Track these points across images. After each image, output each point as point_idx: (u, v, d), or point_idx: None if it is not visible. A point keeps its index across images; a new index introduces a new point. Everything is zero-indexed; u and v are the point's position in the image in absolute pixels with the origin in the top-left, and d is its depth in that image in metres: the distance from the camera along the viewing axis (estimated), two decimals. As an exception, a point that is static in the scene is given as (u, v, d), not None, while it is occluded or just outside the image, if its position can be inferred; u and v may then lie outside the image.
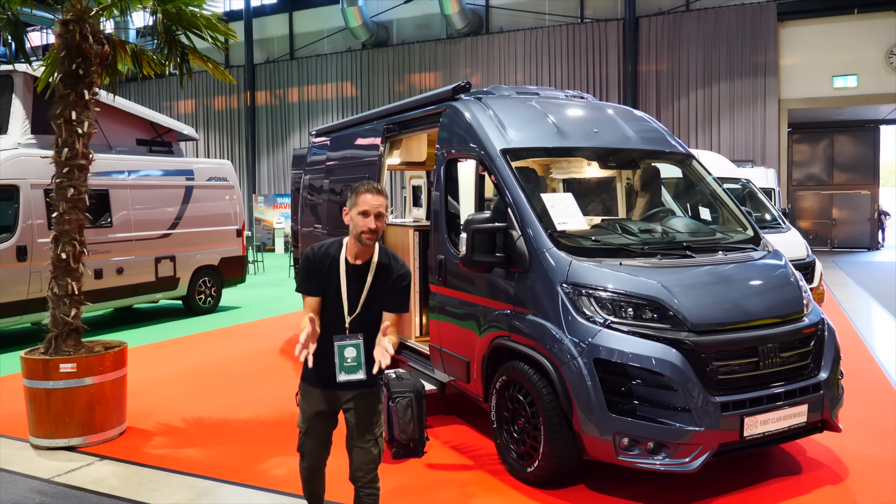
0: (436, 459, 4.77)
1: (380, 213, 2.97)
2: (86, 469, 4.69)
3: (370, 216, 2.95)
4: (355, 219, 2.98)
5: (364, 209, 2.95)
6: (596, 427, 3.81)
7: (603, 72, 20.50)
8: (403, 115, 6.26)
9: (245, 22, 25.33)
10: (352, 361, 2.92)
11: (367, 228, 2.94)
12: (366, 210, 2.95)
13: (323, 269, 3.03)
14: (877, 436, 5.12)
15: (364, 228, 2.95)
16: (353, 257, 3.04)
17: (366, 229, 2.95)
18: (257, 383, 6.92)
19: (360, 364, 2.92)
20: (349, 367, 2.92)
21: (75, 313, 5.21)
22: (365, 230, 2.95)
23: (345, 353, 2.92)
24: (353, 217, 2.98)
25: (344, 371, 2.92)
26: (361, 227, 2.96)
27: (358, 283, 3.02)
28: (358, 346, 2.93)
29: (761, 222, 8.76)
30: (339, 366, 2.92)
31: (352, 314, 3.00)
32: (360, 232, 2.96)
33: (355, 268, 3.03)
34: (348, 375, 2.92)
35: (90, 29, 5.17)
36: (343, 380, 2.92)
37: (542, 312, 4.18)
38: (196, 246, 10.97)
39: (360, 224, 2.96)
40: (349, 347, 2.92)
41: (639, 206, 5.99)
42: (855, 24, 18.20)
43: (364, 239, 2.97)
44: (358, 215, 2.97)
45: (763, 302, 4.26)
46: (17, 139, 8.75)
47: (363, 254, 3.04)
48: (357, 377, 2.92)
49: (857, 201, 24.19)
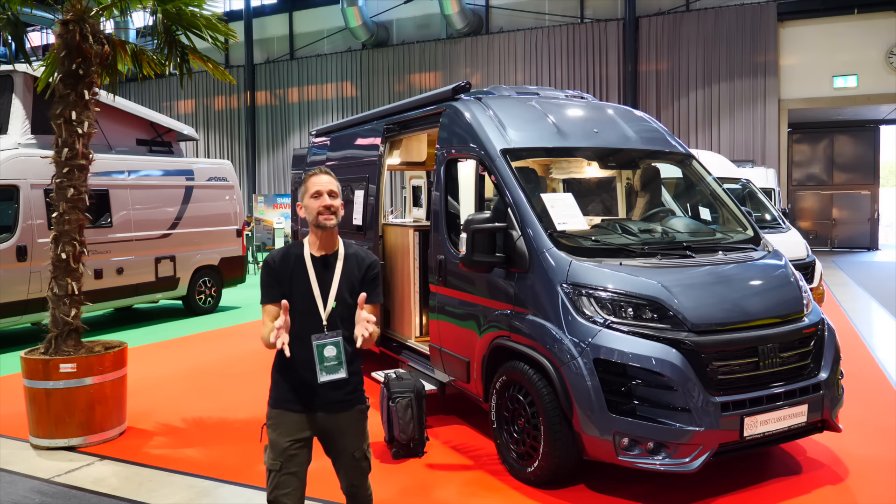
0: (436, 459, 4.77)
1: (332, 191, 2.80)
2: (86, 469, 4.69)
3: (323, 195, 2.78)
4: (309, 204, 2.80)
5: (316, 190, 2.79)
6: (596, 427, 3.81)
7: (603, 72, 20.50)
8: (403, 115, 6.26)
9: (245, 22, 25.33)
10: (332, 360, 2.72)
11: (323, 206, 2.77)
12: (317, 191, 2.79)
13: (287, 271, 2.82)
14: (877, 436, 5.12)
15: (319, 207, 2.77)
16: (318, 250, 2.85)
17: (321, 208, 2.77)
18: (257, 383, 6.90)
19: (342, 362, 2.73)
20: (329, 367, 2.72)
21: (75, 313, 5.21)
22: (321, 209, 2.77)
23: (324, 353, 2.72)
24: (307, 204, 2.80)
25: (325, 371, 2.71)
26: (317, 207, 2.77)
27: (327, 274, 2.83)
28: (338, 343, 2.74)
29: (761, 222, 8.76)
30: (318, 366, 2.71)
31: (327, 307, 2.78)
32: (317, 213, 2.77)
33: (322, 259, 2.84)
34: (330, 375, 2.72)
35: (90, 29, 5.17)
36: (325, 380, 2.71)
37: (542, 312, 4.18)
38: (196, 246, 10.97)
39: (314, 206, 2.78)
40: (329, 346, 2.72)
41: (639, 206, 5.99)
42: (855, 24, 18.20)
43: (322, 220, 2.77)
44: (310, 199, 2.79)
45: (763, 302, 4.26)
46: (17, 139, 8.75)
47: (328, 244, 2.85)
48: (339, 376, 2.73)
49: (857, 201, 24.18)
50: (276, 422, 2.82)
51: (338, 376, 2.73)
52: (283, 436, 2.79)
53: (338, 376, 2.73)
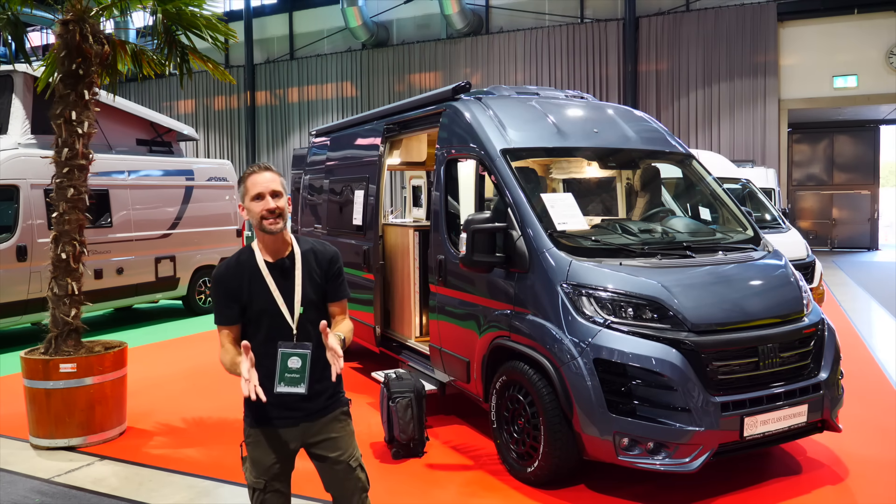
0: (436, 459, 4.77)
1: (274, 190, 2.51)
2: (86, 469, 4.69)
3: (265, 196, 2.49)
4: (251, 207, 2.51)
5: (257, 192, 2.50)
6: (596, 427, 3.81)
7: (603, 72, 20.49)
8: (403, 116, 6.26)
9: (245, 22, 25.32)
10: (294, 373, 2.46)
11: (266, 211, 2.48)
12: (258, 192, 2.50)
13: (242, 284, 2.55)
14: (877, 436, 5.12)
15: (262, 212, 2.49)
16: (271, 255, 2.58)
17: (264, 212, 2.48)
18: (257, 383, 6.91)
19: (303, 377, 2.45)
20: (290, 379, 2.46)
21: (75, 313, 5.21)
22: (264, 213, 2.49)
23: (288, 363, 2.46)
24: (249, 207, 2.52)
25: (283, 382, 2.45)
26: (259, 211, 2.49)
27: (287, 281, 2.57)
28: (304, 356, 2.46)
29: (761, 222, 8.76)
30: (278, 375, 2.45)
31: (293, 315, 2.54)
32: (261, 218, 2.49)
33: (278, 265, 2.58)
34: (288, 387, 2.45)
35: (90, 29, 5.17)
36: (281, 391, 2.45)
37: (542, 312, 4.18)
38: (196, 246, 10.97)
39: (257, 210, 2.49)
40: (294, 357, 2.46)
41: (639, 206, 5.99)
42: (855, 24, 18.20)
43: (267, 225, 2.49)
44: (251, 201, 2.51)
45: (763, 302, 4.26)
46: (17, 139, 8.75)
47: (280, 247, 2.59)
48: (297, 390, 2.45)
49: (857, 201, 24.17)
50: (256, 440, 2.62)
51: (296, 390, 2.45)
52: (265, 454, 2.61)
53: (296, 390, 2.45)
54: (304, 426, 2.62)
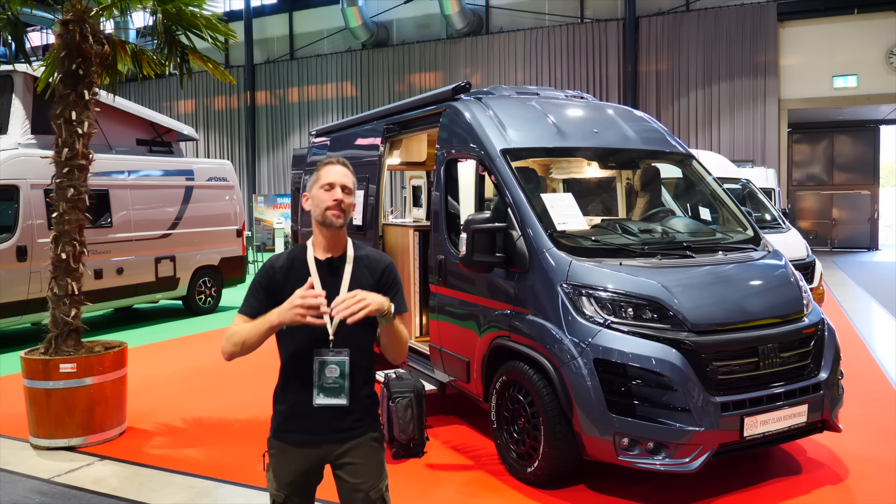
0: (436, 459, 4.77)
1: (345, 185, 2.38)
2: (86, 469, 4.69)
3: (335, 187, 2.36)
4: (317, 195, 2.37)
5: (328, 181, 2.37)
6: (596, 427, 3.81)
7: (603, 72, 20.50)
8: (403, 116, 6.26)
9: (245, 22, 25.33)
10: (333, 382, 2.32)
11: (333, 201, 2.35)
12: (330, 182, 2.36)
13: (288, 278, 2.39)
14: (877, 436, 5.12)
15: (329, 202, 2.35)
16: (323, 251, 2.42)
17: (331, 203, 2.35)
18: (257, 383, 6.90)
19: (344, 386, 2.32)
20: (330, 389, 2.32)
21: (75, 313, 5.21)
22: (331, 204, 2.34)
23: (326, 372, 2.32)
24: (315, 195, 2.38)
25: (322, 393, 2.32)
26: (326, 201, 2.35)
27: (334, 280, 2.38)
28: (343, 363, 2.33)
29: (761, 222, 8.76)
30: (316, 385, 2.32)
31: (334, 320, 2.28)
32: (325, 208, 2.35)
33: (328, 263, 2.41)
34: (328, 398, 2.33)
35: (90, 29, 5.17)
36: (321, 403, 2.32)
37: (542, 312, 4.18)
38: (196, 246, 10.97)
39: (324, 199, 2.35)
40: (332, 365, 2.32)
41: (639, 206, 5.99)
42: (855, 24, 18.20)
43: (330, 216, 2.35)
44: (320, 190, 2.37)
45: (763, 302, 4.26)
46: (17, 139, 8.75)
47: (335, 245, 2.42)
48: (338, 402, 2.33)
49: (857, 201, 24.18)
50: (278, 453, 2.45)
51: (337, 401, 2.33)
52: (287, 468, 2.43)
53: (337, 401, 2.33)
54: (327, 448, 2.41)
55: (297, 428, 2.40)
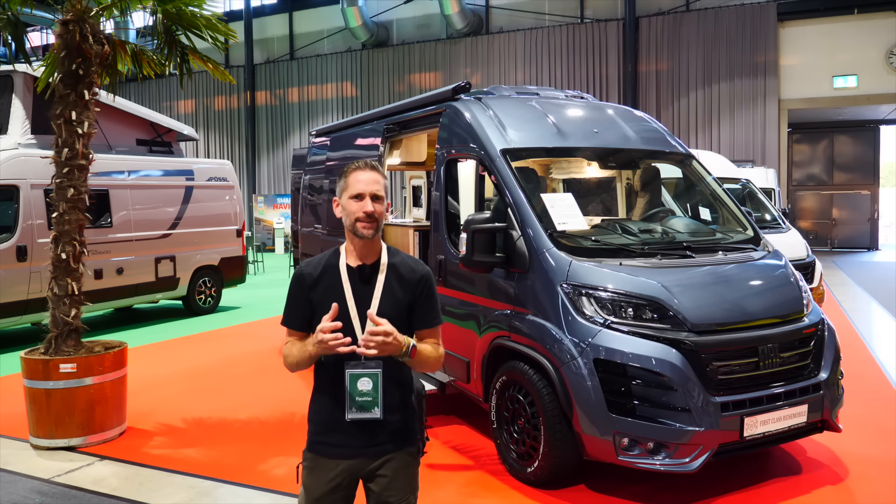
0: (436, 459, 4.77)
1: (376, 193, 2.30)
2: (86, 469, 4.69)
3: (365, 198, 2.29)
4: (347, 205, 2.31)
5: (357, 192, 2.30)
6: (596, 427, 3.81)
7: (603, 72, 20.50)
8: (403, 116, 6.26)
9: (245, 22, 25.33)
10: (366, 396, 2.26)
11: (363, 213, 2.28)
12: (359, 192, 2.29)
13: (318, 284, 2.34)
14: (877, 436, 5.12)
15: (359, 214, 2.28)
16: (356, 259, 2.36)
17: (361, 215, 2.28)
18: (257, 383, 6.92)
19: (377, 400, 2.26)
20: (362, 403, 2.26)
21: (75, 313, 5.20)
22: (360, 216, 2.28)
23: (358, 385, 2.26)
24: (345, 204, 2.32)
25: (355, 407, 2.27)
26: (356, 212, 2.28)
27: (366, 289, 2.33)
28: (375, 376, 2.25)
29: (761, 222, 8.76)
30: (348, 399, 2.27)
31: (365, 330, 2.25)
32: (355, 220, 2.29)
33: (360, 270, 2.35)
34: (361, 413, 2.27)
35: (90, 29, 5.17)
36: (354, 417, 2.27)
37: (542, 312, 4.18)
38: (196, 246, 10.97)
39: (353, 210, 2.29)
40: (364, 378, 2.25)
41: (639, 207, 5.98)
42: (855, 24, 18.20)
43: (360, 229, 2.28)
44: (350, 200, 2.31)
45: (763, 302, 4.26)
46: (17, 139, 8.75)
47: (368, 253, 2.36)
48: (371, 416, 2.26)
49: (857, 201, 24.19)
50: (311, 466, 2.38)
51: (370, 415, 2.27)
52: (318, 481, 2.35)
53: (370, 415, 2.27)
54: (361, 462, 2.34)
55: (332, 441, 2.35)
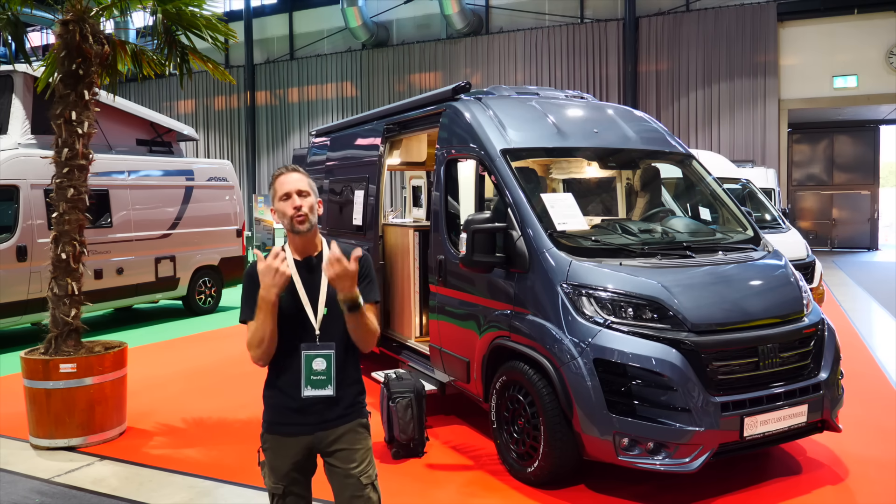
0: (436, 459, 4.77)
1: (300, 190, 2.52)
2: (86, 469, 4.69)
3: (292, 196, 2.51)
4: (280, 208, 2.53)
5: (284, 192, 2.52)
6: (596, 427, 3.81)
7: (603, 72, 20.49)
8: (403, 116, 6.26)
9: (245, 22, 25.31)
10: (320, 374, 2.49)
11: (293, 209, 2.50)
12: (286, 192, 2.52)
13: None
14: (877, 436, 5.12)
15: (290, 211, 2.50)
16: (301, 254, 2.60)
17: (292, 211, 2.50)
18: (257, 383, 6.86)
19: (330, 378, 2.50)
20: (316, 382, 2.49)
21: (75, 313, 5.21)
22: (291, 212, 2.50)
23: (312, 365, 2.49)
24: (278, 207, 2.54)
25: (310, 385, 2.50)
26: (288, 212, 2.51)
27: (313, 278, 2.57)
28: (329, 356, 2.50)
29: (761, 222, 8.76)
30: (304, 378, 2.49)
31: (318, 315, 2.54)
32: (290, 217, 2.51)
33: (306, 262, 2.59)
34: (315, 390, 2.50)
35: (90, 29, 5.17)
36: (308, 395, 2.49)
37: (542, 312, 4.18)
38: (196, 246, 10.97)
39: (285, 209, 2.51)
40: (318, 358, 2.50)
41: (639, 207, 5.99)
42: (855, 24, 18.19)
43: (296, 225, 2.51)
44: (280, 202, 2.53)
45: (763, 302, 4.26)
46: (17, 139, 8.75)
47: (309, 246, 2.60)
48: (325, 392, 2.50)
49: (857, 201, 24.18)
50: (272, 446, 2.61)
51: (324, 392, 2.51)
52: (282, 460, 2.59)
53: (324, 392, 2.51)
54: (319, 435, 2.56)
55: (288, 420, 2.57)
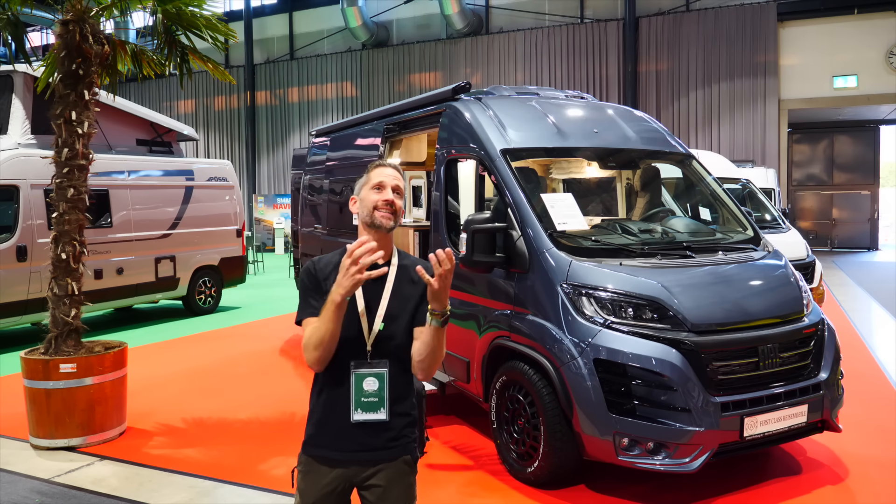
0: (436, 459, 4.77)
1: (397, 187, 2.29)
2: (86, 469, 4.69)
3: (386, 188, 2.27)
4: (367, 196, 2.27)
5: (378, 182, 2.28)
6: (596, 427, 3.81)
7: (603, 72, 20.50)
8: (403, 116, 6.26)
9: (245, 22, 25.33)
10: (372, 396, 2.20)
11: (383, 201, 2.24)
12: (380, 182, 2.28)
13: (330, 278, 2.20)
14: (877, 436, 5.12)
15: (378, 202, 2.24)
16: None
17: (381, 202, 2.24)
18: (257, 383, 6.92)
19: (383, 400, 2.20)
20: (367, 405, 2.20)
21: (75, 313, 5.20)
22: (380, 203, 2.24)
23: (363, 385, 2.19)
24: (364, 196, 2.28)
25: (361, 408, 2.20)
26: (375, 200, 2.25)
27: (376, 287, 2.24)
28: (381, 376, 2.20)
29: (761, 222, 8.76)
30: (354, 400, 2.19)
31: (373, 330, 2.22)
32: (373, 208, 2.24)
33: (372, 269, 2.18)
34: (366, 414, 2.20)
35: (90, 29, 5.17)
36: (359, 419, 2.20)
37: (542, 312, 4.18)
38: (196, 246, 10.97)
39: (373, 199, 2.25)
40: (370, 378, 2.20)
41: (639, 207, 5.98)
42: (855, 24, 18.20)
43: (379, 218, 2.23)
44: (370, 191, 2.28)
45: (763, 302, 4.26)
46: (17, 139, 8.75)
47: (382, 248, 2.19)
48: (377, 417, 2.20)
49: (857, 201, 24.19)
50: (307, 469, 2.29)
51: (376, 416, 2.20)
52: (312, 487, 2.27)
53: (376, 416, 2.20)
54: (355, 469, 2.25)
55: (328, 444, 2.26)
